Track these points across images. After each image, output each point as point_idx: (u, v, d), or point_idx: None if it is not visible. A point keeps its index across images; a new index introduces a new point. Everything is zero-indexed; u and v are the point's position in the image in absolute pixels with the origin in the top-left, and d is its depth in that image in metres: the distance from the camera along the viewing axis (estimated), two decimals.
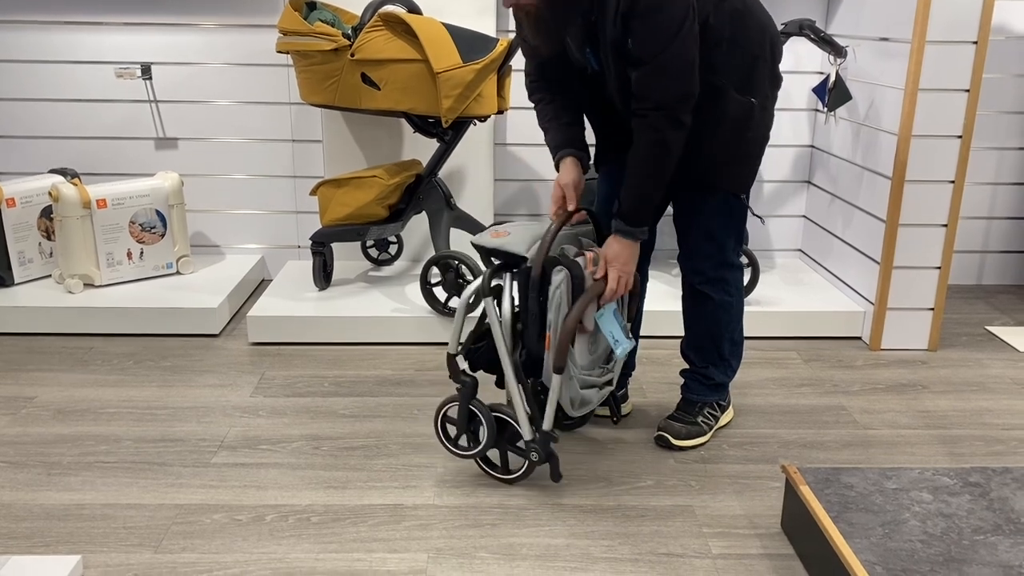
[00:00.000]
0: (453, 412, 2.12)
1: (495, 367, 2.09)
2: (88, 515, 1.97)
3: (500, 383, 2.14)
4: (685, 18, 1.85)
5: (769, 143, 2.21)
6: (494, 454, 2.13)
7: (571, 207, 2.08)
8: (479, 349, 2.10)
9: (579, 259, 1.99)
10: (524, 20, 1.97)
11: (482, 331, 2.10)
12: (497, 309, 2.00)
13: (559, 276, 1.93)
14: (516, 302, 2.02)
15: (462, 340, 2.08)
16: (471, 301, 2.02)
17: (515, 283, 2.01)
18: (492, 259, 2.06)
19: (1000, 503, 1.79)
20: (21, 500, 2.03)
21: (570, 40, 2.03)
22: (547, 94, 2.17)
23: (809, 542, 1.80)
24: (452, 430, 2.14)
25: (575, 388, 2.01)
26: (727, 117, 2.03)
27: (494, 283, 2.03)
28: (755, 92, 2.05)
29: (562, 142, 2.14)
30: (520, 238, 2.02)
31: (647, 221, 2.01)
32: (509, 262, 2.03)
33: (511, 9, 1.97)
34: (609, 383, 2.14)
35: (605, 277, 1.98)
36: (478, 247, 2.07)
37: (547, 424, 1.99)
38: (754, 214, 2.33)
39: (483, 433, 2.07)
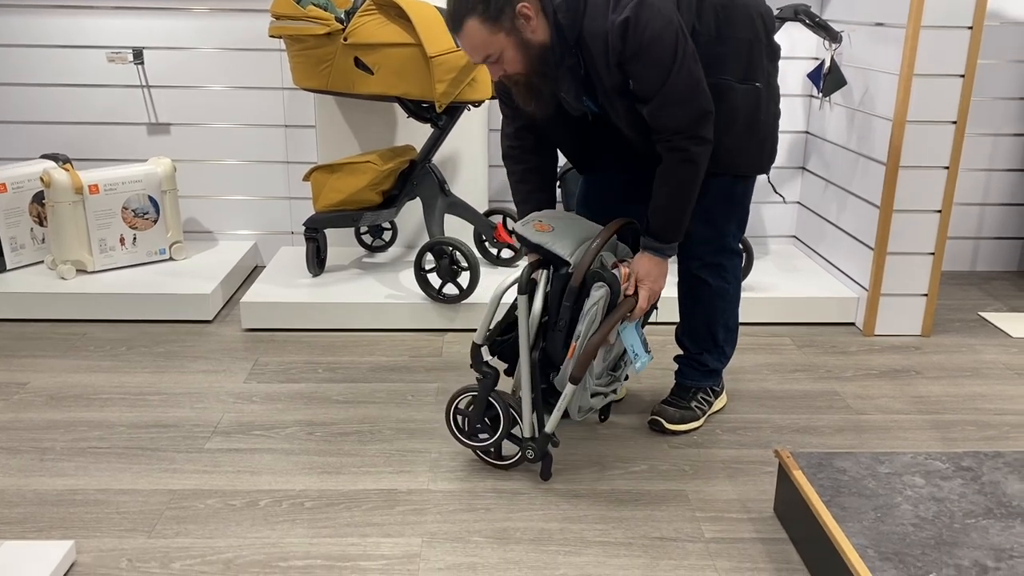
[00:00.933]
0: (463, 404, 2.11)
1: (513, 358, 2.10)
2: (81, 500, 1.97)
3: (510, 372, 2.15)
4: (677, 43, 1.83)
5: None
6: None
7: None
8: (506, 341, 2.10)
9: (616, 271, 1.98)
10: (516, 89, 1.95)
11: (510, 322, 2.09)
12: (528, 307, 1.99)
13: (599, 292, 1.92)
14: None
15: (490, 329, 2.08)
16: (505, 291, 2.00)
17: (551, 283, 2.00)
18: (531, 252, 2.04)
19: (992, 487, 1.80)
20: (14, 486, 2.03)
21: (564, 95, 2.01)
22: (520, 158, 2.16)
23: (802, 526, 1.81)
24: (460, 421, 2.12)
25: (586, 397, 2.03)
26: (738, 110, 2.02)
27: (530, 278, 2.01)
28: (757, 76, 2.03)
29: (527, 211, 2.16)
30: (564, 237, 1.99)
31: (678, 238, 2.00)
32: (548, 259, 2.01)
33: (498, 81, 1.95)
34: (614, 391, 2.15)
35: (635, 294, 1.98)
36: (521, 238, 2.04)
37: (551, 427, 2.00)
38: (776, 191, 2.31)
39: (496, 423, 2.07)
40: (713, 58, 1.95)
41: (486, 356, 2.08)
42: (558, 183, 3.23)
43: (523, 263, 2.28)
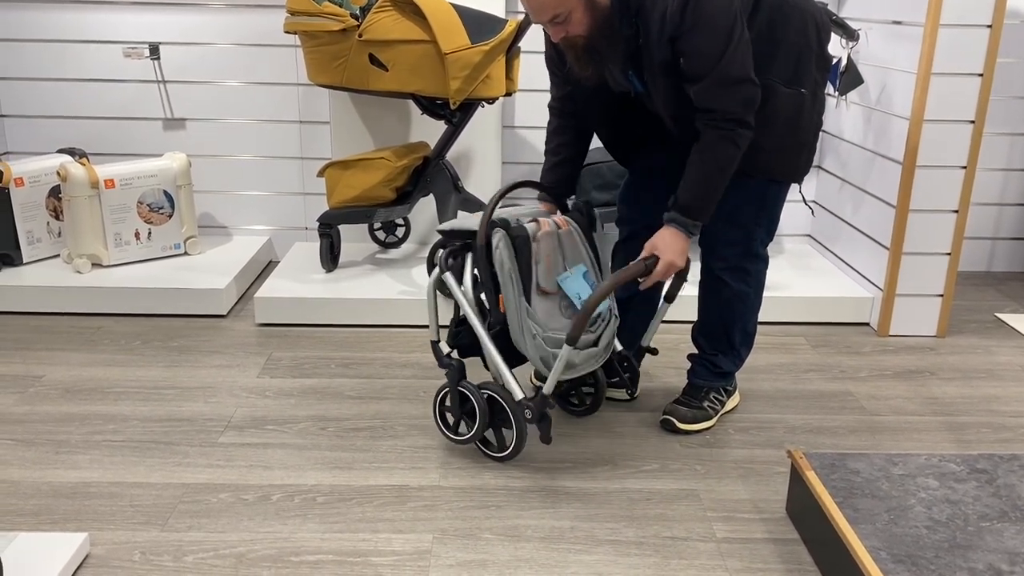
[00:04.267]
0: (445, 400, 2.17)
1: (477, 348, 2.13)
2: (95, 493, 1.98)
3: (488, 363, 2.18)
4: (734, 26, 1.84)
5: None
6: (489, 435, 2.13)
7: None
8: (460, 332, 2.15)
9: (531, 225, 2.04)
10: (572, 53, 1.96)
11: (461, 314, 2.15)
12: (456, 283, 2.08)
13: (496, 236, 1.98)
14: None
15: (442, 326, 2.17)
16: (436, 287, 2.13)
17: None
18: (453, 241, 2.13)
19: (1007, 490, 1.78)
20: (29, 478, 2.04)
21: (611, 67, 2.02)
22: (561, 114, 2.22)
23: (814, 527, 1.80)
24: (451, 418, 2.17)
25: (542, 347, 2.00)
26: (778, 113, 2.00)
27: (451, 262, 2.11)
28: (804, 82, 2.02)
29: (550, 182, 2.24)
30: (476, 217, 2.07)
31: (705, 218, 1.99)
32: (468, 241, 2.09)
33: (559, 42, 1.96)
34: (601, 347, 2.11)
35: (645, 262, 1.98)
36: (439, 231, 2.16)
37: (548, 389, 1.99)
38: (805, 203, 2.29)
39: (476, 414, 2.11)
40: (761, 57, 1.93)
41: (446, 351, 2.17)
42: None
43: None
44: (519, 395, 2.02)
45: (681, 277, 2.13)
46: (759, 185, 2.10)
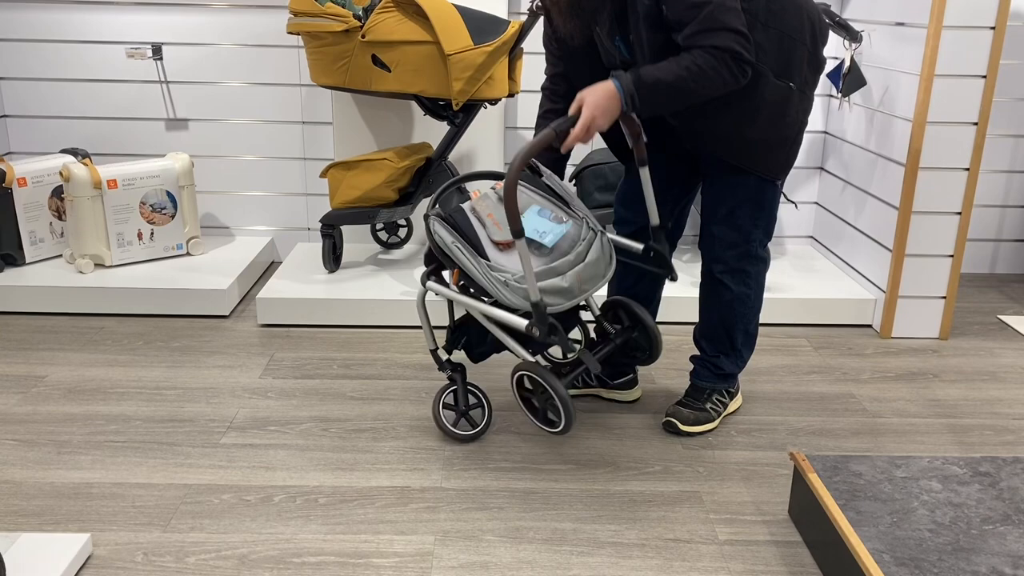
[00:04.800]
0: (449, 399, 2.23)
1: (481, 344, 2.19)
2: (97, 494, 1.99)
3: (479, 357, 2.26)
4: None
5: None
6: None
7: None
8: (458, 333, 2.22)
9: (466, 202, 2.12)
10: (556, 7, 1.95)
11: (456, 319, 2.23)
12: (442, 286, 2.15)
13: (431, 223, 2.06)
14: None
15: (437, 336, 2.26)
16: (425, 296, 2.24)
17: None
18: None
19: (1010, 493, 1.78)
20: (31, 478, 2.04)
21: (599, 30, 2.01)
22: (550, 98, 2.21)
23: (817, 530, 1.80)
24: (450, 417, 2.23)
25: (517, 288, 1.96)
26: (765, 101, 1.99)
27: (430, 278, 2.20)
28: (793, 76, 2.01)
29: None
30: None
31: (647, 108, 1.90)
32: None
33: (539, 8, 1.97)
34: (590, 262, 2.04)
35: (569, 118, 1.91)
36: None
37: (535, 296, 1.92)
38: (787, 199, 2.29)
39: (482, 414, 2.25)
40: (757, 43, 1.92)
41: (445, 357, 2.26)
42: (573, 181, 3.23)
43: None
44: (523, 327, 1.97)
45: (637, 137, 2.03)
46: (753, 185, 2.10)
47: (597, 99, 1.88)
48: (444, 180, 3.05)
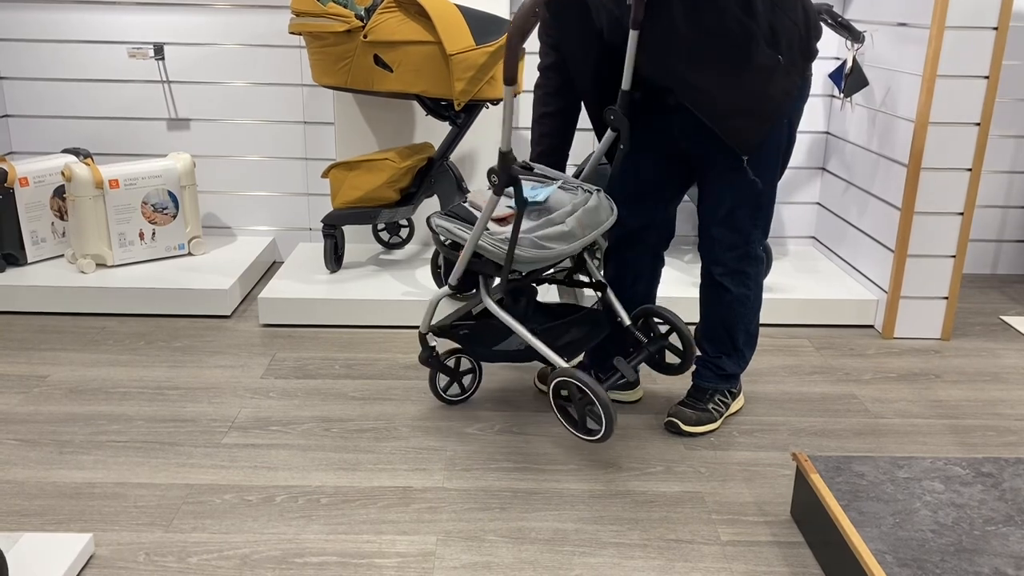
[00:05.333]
0: (451, 363, 2.39)
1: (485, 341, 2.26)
2: (100, 494, 1.99)
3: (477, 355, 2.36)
4: None
5: None
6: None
7: None
8: (461, 327, 2.28)
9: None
10: None
11: (463, 312, 2.29)
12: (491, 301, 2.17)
13: (432, 223, 2.17)
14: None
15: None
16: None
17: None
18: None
19: (1012, 494, 1.78)
20: (34, 478, 2.04)
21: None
22: (542, 99, 2.22)
23: (819, 530, 1.80)
24: (443, 381, 2.39)
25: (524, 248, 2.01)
26: (752, 64, 1.96)
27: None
28: (782, 51, 1.98)
29: (534, 156, 2.27)
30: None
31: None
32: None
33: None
34: (590, 208, 2.10)
35: None
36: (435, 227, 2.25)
37: (505, 145, 1.96)
38: (751, 177, 2.20)
39: (469, 380, 2.42)
40: (754, 6, 1.91)
41: (432, 342, 2.32)
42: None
43: None
44: (559, 362, 2.04)
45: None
46: (751, 187, 2.09)
47: None
48: (446, 181, 3.06)
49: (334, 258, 3.16)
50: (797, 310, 3.03)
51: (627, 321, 2.24)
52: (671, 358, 2.32)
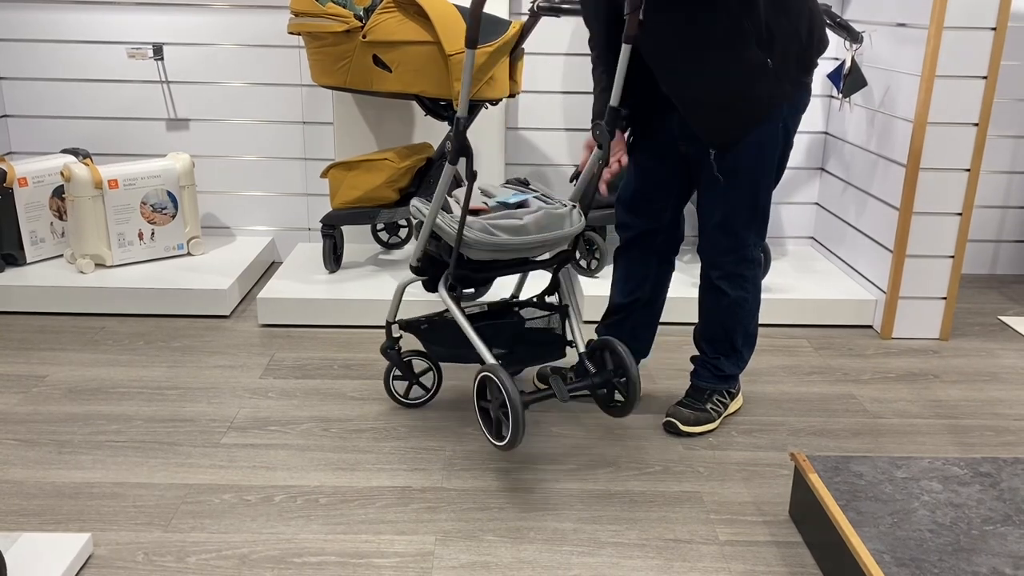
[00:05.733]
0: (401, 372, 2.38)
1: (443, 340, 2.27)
2: (98, 493, 1.99)
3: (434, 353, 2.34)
4: None
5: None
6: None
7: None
8: (425, 324, 2.31)
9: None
10: None
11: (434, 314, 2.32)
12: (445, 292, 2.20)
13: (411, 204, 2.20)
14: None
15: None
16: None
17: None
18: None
19: (1010, 493, 1.78)
20: (32, 478, 2.04)
21: None
22: (599, 57, 2.19)
23: (817, 530, 1.80)
24: (400, 387, 2.38)
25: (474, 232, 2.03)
26: (740, 62, 1.96)
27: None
28: (775, 55, 1.98)
29: (597, 112, 2.20)
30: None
31: None
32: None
33: None
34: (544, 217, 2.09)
35: None
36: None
37: (461, 111, 1.97)
38: (715, 172, 2.17)
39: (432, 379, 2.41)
40: (756, 10, 1.92)
41: (397, 334, 2.32)
42: (573, 181, 3.23)
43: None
44: (489, 357, 2.05)
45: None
46: (746, 192, 2.10)
47: None
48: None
49: (333, 258, 3.16)
50: (796, 310, 3.03)
51: (582, 348, 2.20)
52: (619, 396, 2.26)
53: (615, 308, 2.39)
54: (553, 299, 2.31)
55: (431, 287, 2.24)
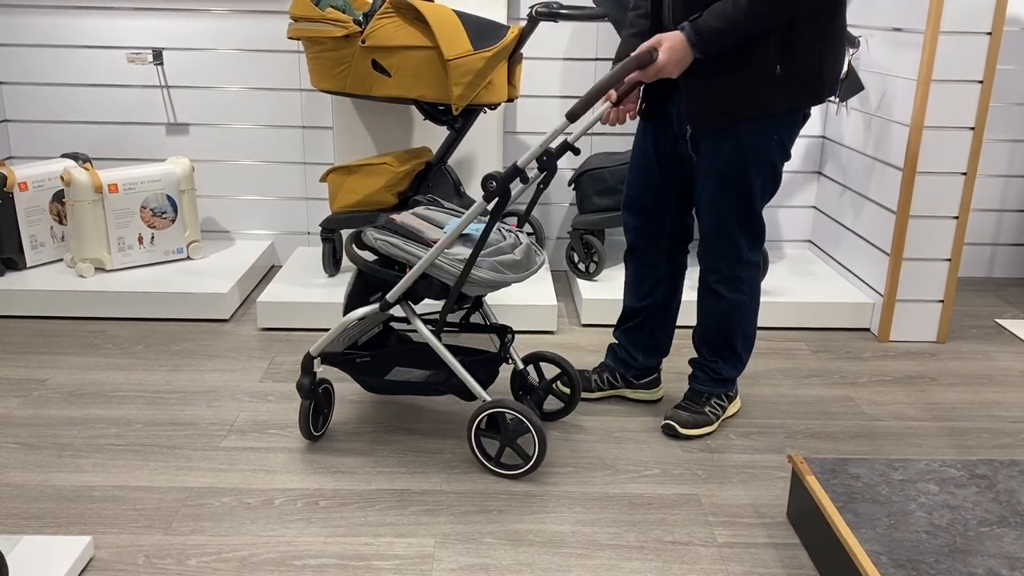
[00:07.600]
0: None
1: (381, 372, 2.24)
2: (99, 497, 1.99)
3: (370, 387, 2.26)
4: None
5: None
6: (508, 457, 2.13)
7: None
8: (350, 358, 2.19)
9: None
10: None
11: (365, 341, 2.30)
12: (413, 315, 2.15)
13: (367, 238, 2.10)
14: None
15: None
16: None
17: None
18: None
19: (1007, 495, 1.79)
20: (33, 481, 2.05)
21: None
22: (633, 30, 2.18)
23: (815, 532, 1.81)
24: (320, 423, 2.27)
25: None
26: (751, 53, 1.96)
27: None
28: (785, 65, 1.97)
29: (621, 55, 2.18)
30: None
31: (711, 49, 1.93)
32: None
33: None
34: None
35: (650, 52, 1.94)
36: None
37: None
38: (689, 151, 2.17)
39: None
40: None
41: (317, 367, 2.19)
42: (572, 185, 3.24)
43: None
44: (484, 395, 2.08)
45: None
46: (739, 197, 2.10)
47: (672, 48, 1.93)
48: (444, 185, 3.07)
49: (332, 262, 3.17)
50: (793, 313, 3.04)
51: (520, 366, 2.30)
52: (551, 404, 2.35)
53: (630, 312, 2.40)
54: (476, 318, 2.33)
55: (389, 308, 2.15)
